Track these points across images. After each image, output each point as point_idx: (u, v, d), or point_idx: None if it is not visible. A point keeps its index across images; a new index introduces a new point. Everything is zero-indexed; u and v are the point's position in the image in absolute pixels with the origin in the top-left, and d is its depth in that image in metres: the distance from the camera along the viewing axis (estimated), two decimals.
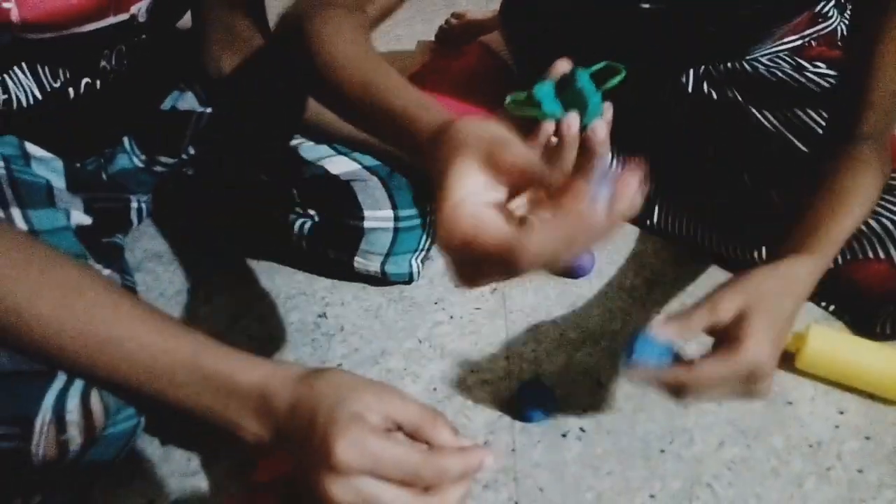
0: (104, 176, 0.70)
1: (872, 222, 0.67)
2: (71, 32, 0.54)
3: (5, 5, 0.49)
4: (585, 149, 0.51)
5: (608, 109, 0.50)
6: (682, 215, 0.81)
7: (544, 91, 0.52)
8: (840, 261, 0.68)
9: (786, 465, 0.57)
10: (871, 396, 0.62)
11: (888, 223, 0.66)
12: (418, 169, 0.63)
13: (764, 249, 0.74)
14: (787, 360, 0.64)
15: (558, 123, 0.50)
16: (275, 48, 0.69)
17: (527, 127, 0.50)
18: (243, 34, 0.69)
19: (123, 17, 0.57)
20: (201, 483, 0.55)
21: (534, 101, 0.52)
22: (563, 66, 0.52)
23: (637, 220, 0.83)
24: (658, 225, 0.82)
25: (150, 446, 0.58)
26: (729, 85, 0.80)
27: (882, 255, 0.65)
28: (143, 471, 0.56)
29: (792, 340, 0.64)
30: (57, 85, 0.59)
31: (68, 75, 0.60)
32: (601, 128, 0.50)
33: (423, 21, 1.34)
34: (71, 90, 0.60)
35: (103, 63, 0.62)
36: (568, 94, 0.52)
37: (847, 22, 0.67)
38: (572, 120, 0.49)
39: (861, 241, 0.67)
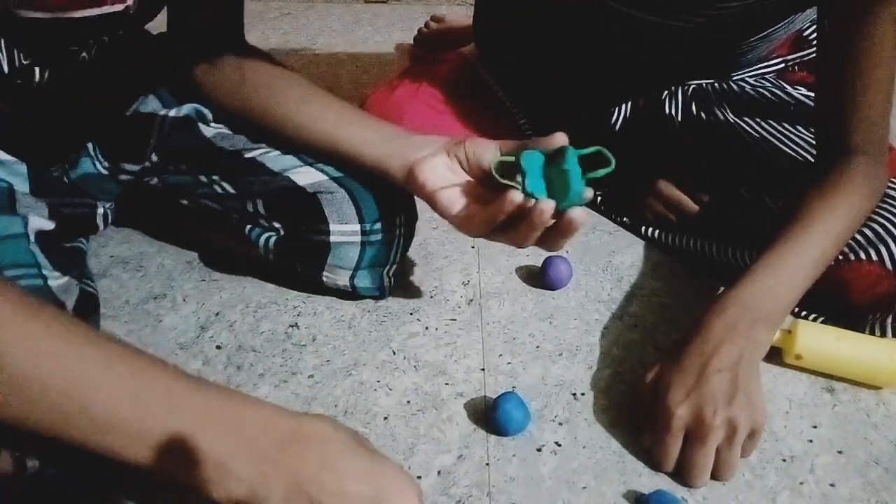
0: (67, 181, 0.68)
1: (865, 229, 0.66)
2: (65, 17, 0.53)
3: None
4: (559, 227, 0.53)
5: (588, 192, 0.51)
6: (678, 226, 0.81)
7: (532, 162, 0.53)
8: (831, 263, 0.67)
9: (759, 479, 0.57)
10: (845, 413, 0.63)
11: (879, 228, 0.66)
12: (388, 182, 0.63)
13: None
14: (775, 356, 0.65)
15: (532, 199, 0.52)
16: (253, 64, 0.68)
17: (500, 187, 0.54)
18: (218, 42, 0.68)
19: (119, 7, 0.56)
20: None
21: (520, 168, 0.52)
22: (559, 139, 0.54)
23: (631, 228, 0.83)
24: (650, 234, 0.82)
25: None
26: (718, 103, 0.80)
27: (874, 257, 0.65)
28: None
29: (779, 337, 0.64)
30: (27, 62, 0.57)
31: (42, 56, 0.57)
32: (581, 217, 0.52)
33: (403, 29, 1.33)
34: (37, 70, 0.58)
35: (83, 54, 0.60)
36: (554, 171, 0.52)
37: (816, 29, 0.66)
38: (546, 206, 0.51)
39: (851, 244, 0.66)
